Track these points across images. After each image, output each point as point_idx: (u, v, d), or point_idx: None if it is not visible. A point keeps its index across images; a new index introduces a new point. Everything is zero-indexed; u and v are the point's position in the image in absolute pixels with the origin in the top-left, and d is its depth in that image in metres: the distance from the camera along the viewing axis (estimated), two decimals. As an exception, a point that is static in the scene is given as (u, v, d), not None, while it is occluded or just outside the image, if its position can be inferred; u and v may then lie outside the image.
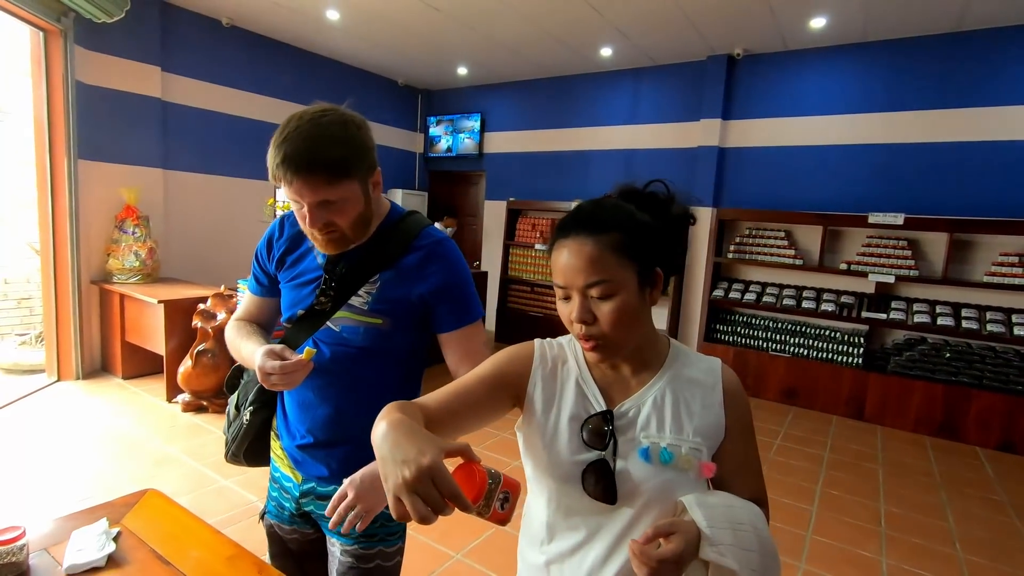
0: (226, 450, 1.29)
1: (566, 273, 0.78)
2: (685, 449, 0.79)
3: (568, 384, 0.87)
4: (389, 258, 1.09)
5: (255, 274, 1.25)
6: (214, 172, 5.17)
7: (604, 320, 0.77)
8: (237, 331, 1.20)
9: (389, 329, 1.09)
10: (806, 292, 4.88)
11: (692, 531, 0.70)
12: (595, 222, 0.78)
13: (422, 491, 0.59)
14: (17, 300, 5.82)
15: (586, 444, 0.81)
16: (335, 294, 1.09)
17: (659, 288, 0.81)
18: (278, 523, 1.24)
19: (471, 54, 5.70)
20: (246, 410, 1.23)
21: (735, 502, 0.78)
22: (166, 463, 3.01)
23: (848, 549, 2.59)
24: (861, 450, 3.84)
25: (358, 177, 1.01)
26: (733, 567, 0.69)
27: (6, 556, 1.00)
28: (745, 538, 0.72)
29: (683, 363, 0.86)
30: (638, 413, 0.82)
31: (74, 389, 4.05)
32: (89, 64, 4.13)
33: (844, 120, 4.77)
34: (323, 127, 0.97)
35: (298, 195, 0.98)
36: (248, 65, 5.33)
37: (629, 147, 5.88)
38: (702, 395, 0.84)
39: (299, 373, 1.02)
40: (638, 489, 0.78)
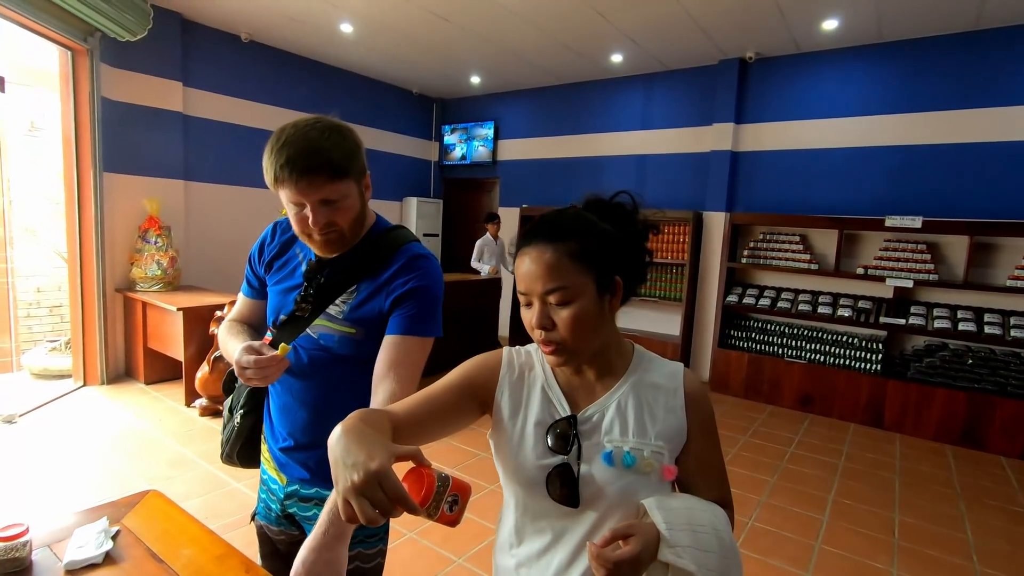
0: (221, 451, 1.34)
1: (526, 280, 0.80)
2: (647, 452, 0.80)
3: (534, 390, 0.89)
4: (369, 269, 1.12)
5: (247, 277, 1.30)
6: (232, 183, 5.32)
7: (562, 326, 0.79)
8: (228, 330, 1.25)
9: (362, 339, 1.11)
10: (822, 297, 4.79)
11: (651, 533, 0.72)
12: (554, 230, 0.80)
13: (369, 494, 0.61)
14: (49, 308, 6.05)
15: (551, 449, 0.83)
16: (314, 302, 1.12)
17: (619, 296, 0.83)
18: (266, 524, 1.28)
19: (483, 63, 5.77)
20: (237, 412, 1.28)
21: (696, 504, 0.79)
22: (181, 464, 3.10)
23: (858, 560, 2.53)
24: (878, 459, 3.75)
25: (354, 177, 1.06)
26: (691, 568, 0.70)
27: (9, 552, 1.05)
28: (704, 539, 0.73)
29: (646, 368, 0.88)
30: (602, 418, 0.84)
31: (98, 394, 4.19)
32: (114, 81, 4.30)
33: (859, 122, 4.69)
34: (319, 131, 1.02)
35: (302, 195, 1.02)
36: (266, 78, 5.48)
37: (641, 152, 5.87)
38: (664, 399, 0.85)
39: (273, 368, 1.05)
40: (601, 492, 0.80)
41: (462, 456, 3.40)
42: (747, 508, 2.95)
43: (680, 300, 5.43)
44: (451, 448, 3.46)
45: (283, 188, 1.03)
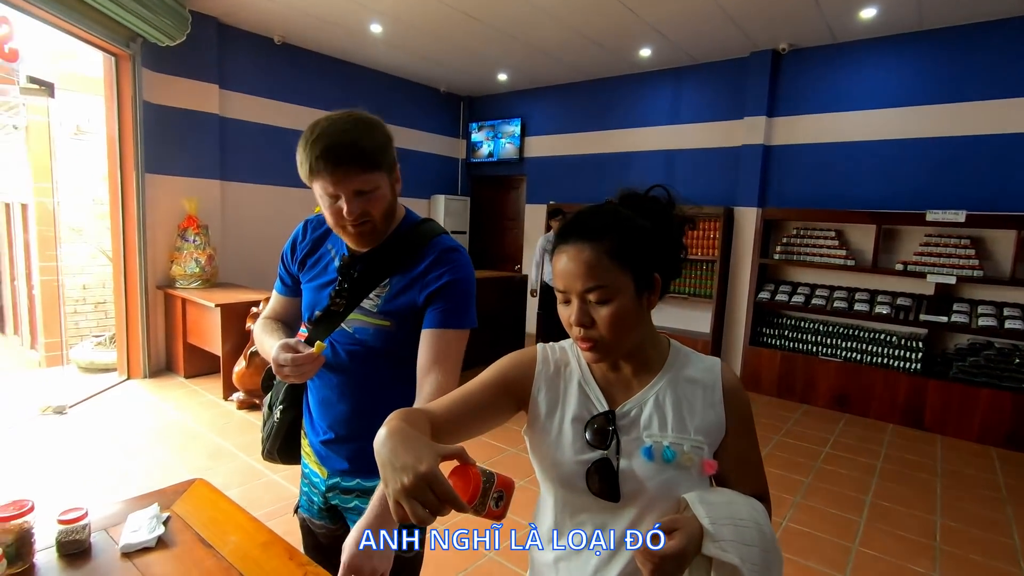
0: (262, 448, 1.38)
1: (565, 278, 0.81)
2: (687, 447, 0.81)
3: (571, 386, 0.89)
4: (401, 263, 1.15)
5: (280, 275, 1.33)
6: (267, 182, 5.45)
7: (601, 324, 0.79)
8: (263, 328, 1.29)
9: (395, 331, 1.14)
10: (859, 294, 4.67)
11: (694, 528, 0.72)
12: (593, 229, 0.80)
13: (420, 496, 0.62)
14: (94, 304, 6.30)
15: (589, 444, 0.83)
16: (348, 296, 1.15)
17: (657, 293, 0.83)
18: (309, 517, 1.32)
19: (511, 60, 5.77)
20: (277, 408, 1.31)
21: (736, 498, 0.79)
22: (220, 456, 3.20)
23: (897, 564, 2.47)
24: (918, 460, 3.64)
25: (385, 169, 1.09)
26: (735, 562, 0.71)
27: (71, 534, 1.11)
28: (747, 533, 0.74)
29: (683, 363, 0.88)
30: (640, 413, 0.84)
31: (141, 387, 4.36)
32: (154, 85, 4.45)
33: (899, 113, 4.55)
34: (352, 123, 1.05)
35: (336, 186, 1.04)
36: (298, 80, 5.60)
37: (670, 148, 5.80)
38: (703, 394, 0.85)
39: (309, 366, 1.08)
40: (642, 487, 0.80)
41: (492, 452, 3.43)
42: (782, 508, 2.90)
43: (711, 297, 5.35)
44: (481, 444, 3.50)
45: (318, 180, 1.05)
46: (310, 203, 5.78)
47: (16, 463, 3.03)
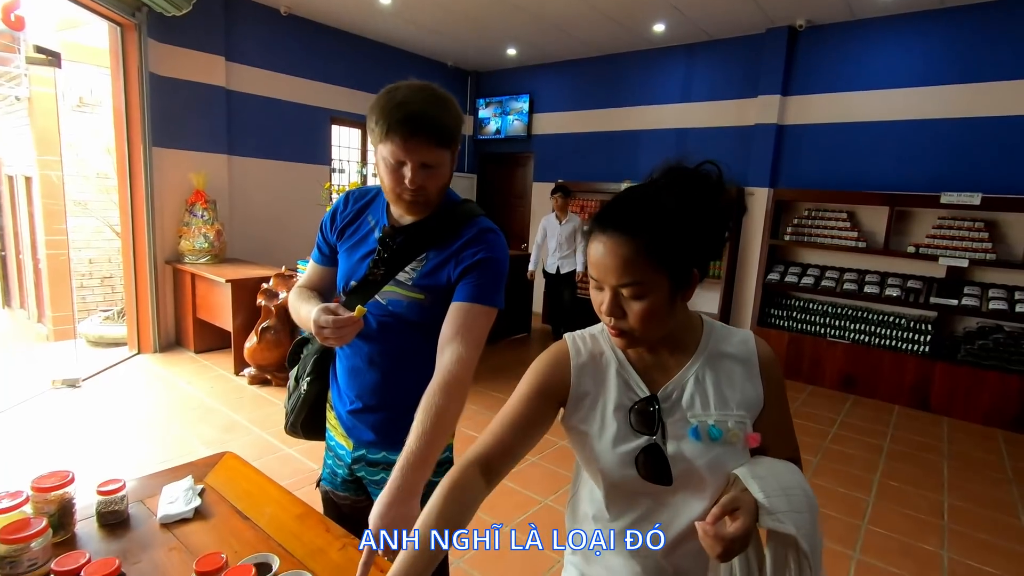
0: (286, 421, 1.39)
1: (599, 269, 0.78)
2: (731, 423, 0.81)
3: (608, 375, 0.88)
4: (440, 238, 1.15)
5: (318, 244, 1.33)
6: (274, 157, 5.39)
7: (633, 318, 0.78)
8: (298, 296, 1.29)
9: (429, 305, 1.14)
10: (869, 276, 4.65)
11: (752, 504, 0.74)
12: (633, 222, 0.76)
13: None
14: (101, 279, 6.30)
15: (635, 431, 0.83)
16: (387, 267, 1.15)
17: (694, 287, 0.81)
18: (332, 489, 1.33)
19: (520, 34, 5.66)
20: (304, 380, 1.32)
21: (779, 467, 0.81)
22: (234, 430, 3.23)
23: (906, 541, 2.51)
24: (925, 441, 3.67)
25: (453, 149, 1.10)
26: (791, 531, 0.73)
27: (111, 504, 1.12)
28: (796, 501, 0.76)
29: (718, 340, 0.87)
30: (682, 394, 0.84)
31: (152, 361, 4.38)
32: (160, 56, 4.37)
33: (916, 93, 4.47)
34: (435, 96, 1.05)
35: (407, 154, 1.03)
36: (304, 52, 5.50)
37: (681, 126, 5.73)
38: (741, 369, 0.85)
39: (349, 329, 1.08)
40: (692, 467, 0.81)
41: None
42: (790, 487, 2.93)
43: (719, 278, 5.34)
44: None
45: (389, 143, 1.04)
46: (318, 179, 5.74)
47: (33, 436, 3.06)
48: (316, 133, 5.75)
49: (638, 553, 0.86)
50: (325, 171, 5.87)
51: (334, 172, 6.02)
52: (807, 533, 0.74)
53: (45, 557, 0.95)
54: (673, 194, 0.78)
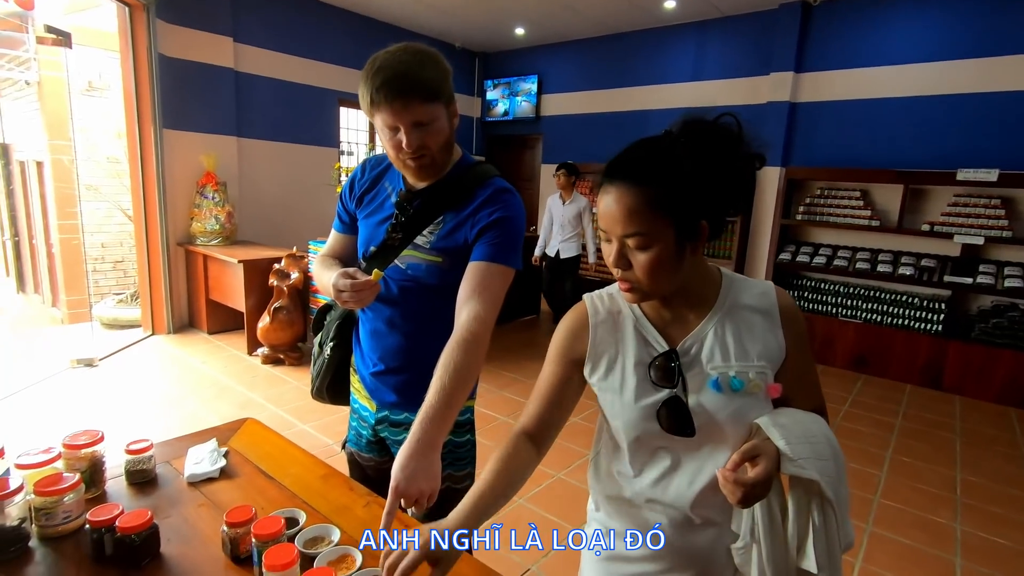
0: (312, 386, 1.42)
1: (606, 219, 0.79)
2: (752, 374, 0.81)
3: (627, 331, 0.88)
4: (456, 200, 1.15)
5: (339, 213, 1.34)
6: (283, 139, 5.39)
7: (639, 269, 0.78)
8: (321, 263, 1.30)
9: (447, 267, 1.15)
10: (882, 255, 4.61)
11: (772, 451, 0.74)
12: (639, 172, 0.75)
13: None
14: (113, 263, 6.36)
15: (655, 385, 0.84)
16: (404, 231, 1.16)
17: (703, 240, 0.80)
18: (357, 451, 1.36)
19: (529, 13, 5.60)
20: (327, 346, 1.34)
21: (803, 417, 0.81)
22: (250, 407, 3.27)
23: (919, 514, 2.52)
24: (937, 419, 3.67)
25: (444, 101, 1.09)
26: (815, 477, 0.73)
27: (139, 464, 1.15)
28: (820, 449, 0.76)
29: (738, 292, 0.87)
30: (701, 347, 0.84)
31: (166, 342, 4.43)
32: (169, 37, 4.35)
33: (932, 68, 4.39)
34: (411, 54, 1.05)
35: (396, 117, 1.04)
36: (312, 33, 5.46)
37: (692, 105, 5.65)
38: (761, 320, 0.84)
39: (367, 292, 1.10)
40: (713, 419, 0.81)
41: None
42: (802, 462, 2.94)
43: (730, 258, 5.31)
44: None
45: (379, 112, 1.05)
46: (327, 160, 5.73)
47: (56, 411, 3.12)
48: (324, 115, 5.73)
49: (664, 505, 0.86)
50: (334, 153, 5.86)
51: (343, 154, 6.01)
52: (831, 481, 0.74)
53: (79, 511, 0.97)
54: (685, 144, 0.77)
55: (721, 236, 0.84)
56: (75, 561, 0.91)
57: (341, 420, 3.16)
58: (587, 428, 3.22)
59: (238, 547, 0.92)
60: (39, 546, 0.94)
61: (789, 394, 0.85)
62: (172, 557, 0.93)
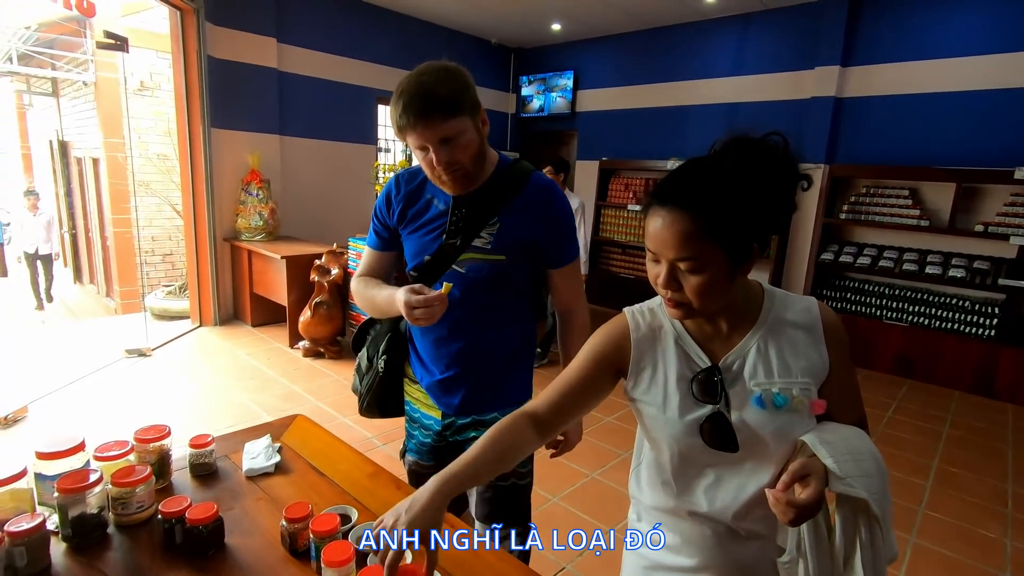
0: (360, 404, 1.43)
1: (656, 242, 0.78)
2: (796, 390, 0.81)
3: (668, 346, 0.89)
4: (505, 200, 1.19)
5: (375, 229, 1.35)
6: (324, 137, 5.51)
7: (690, 291, 0.78)
8: (365, 285, 1.32)
9: (508, 264, 1.19)
10: (931, 256, 4.44)
11: (821, 469, 0.74)
12: (692, 197, 0.75)
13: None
14: (162, 256, 6.64)
15: (698, 400, 0.84)
16: (461, 237, 1.19)
17: (753, 262, 0.80)
18: (417, 459, 1.39)
19: (566, 8, 5.56)
20: (379, 360, 1.36)
21: (847, 432, 0.80)
22: (292, 399, 3.39)
23: (966, 527, 2.44)
24: (987, 428, 3.53)
25: (467, 113, 1.12)
26: (863, 495, 0.73)
27: (201, 457, 1.22)
28: (866, 466, 0.76)
29: (780, 308, 0.86)
30: (743, 364, 0.84)
31: (213, 334, 4.61)
32: (217, 39, 4.50)
33: (988, 61, 4.19)
34: (428, 75, 1.09)
35: (422, 137, 1.09)
36: (352, 33, 5.56)
37: (732, 100, 5.54)
38: (804, 336, 0.84)
39: (439, 307, 1.11)
40: (757, 435, 0.81)
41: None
42: (842, 469, 2.88)
43: (769, 257, 5.20)
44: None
45: (407, 135, 1.10)
46: (367, 158, 5.84)
47: (114, 400, 3.30)
48: (363, 113, 5.84)
49: (708, 518, 0.87)
50: (372, 150, 5.97)
51: (380, 151, 6.12)
52: (878, 497, 0.74)
53: (150, 501, 1.04)
54: (735, 168, 0.76)
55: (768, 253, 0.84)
56: (148, 548, 0.98)
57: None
58: (620, 428, 3.23)
59: (296, 541, 0.97)
60: (116, 533, 1.01)
61: (832, 408, 0.85)
62: (235, 548, 0.99)
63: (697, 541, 0.89)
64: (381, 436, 2.99)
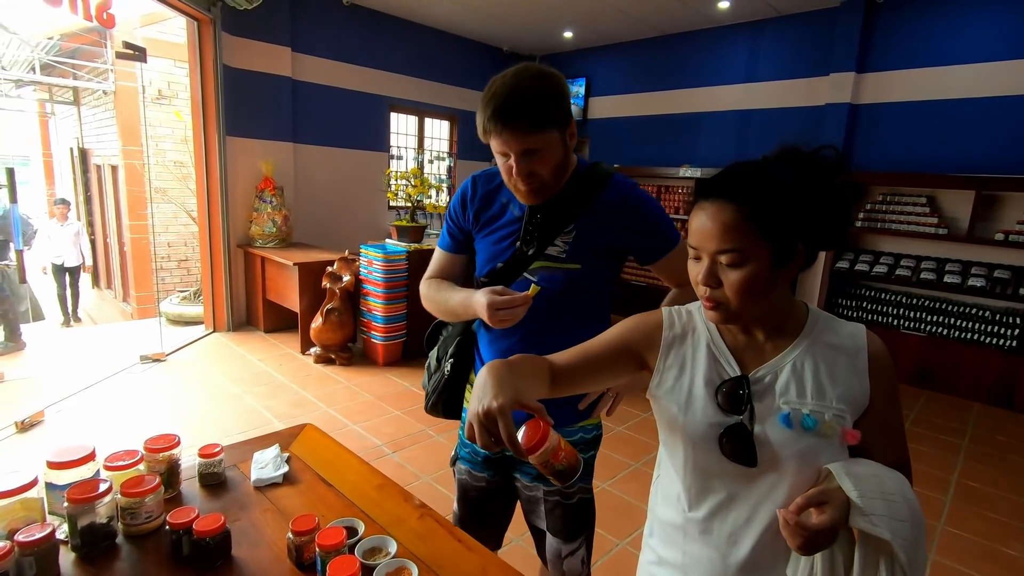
0: (426, 401, 1.43)
1: (699, 236, 0.78)
2: (828, 415, 0.77)
3: (699, 349, 0.87)
4: (582, 208, 1.16)
5: (449, 231, 1.32)
6: (336, 144, 5.56)
7: (729, 287, 0.77)
8: (437, 287, 1.30)
9: (583, 273, 1.17)
10: (949, 265, 4.37)
11: (842, 500, 0.71)
12: (738, 189, 0.75)
13: (487, 425, 0.72)
14: (178, 262, 6.73)
15: (722, 409, 0.82)
16: (536, 245, 1.17)
17: (798, 263, 0.78)
18: (470, 468, 1.36)
19: (578, 16, 5.58)
20: (446, 362, 1.34)
21: (882, 471, 0.76)
22: (302, 405, 3.40)
23: (987, 545, 2.38)
24: (1009, 442, 3.45)
25: (557, 127, 1.09)
26: (886, 536, 0.68)
27: (211, 467, 1.22)
28: (897, 508, 0.71)
29: (824, 329, 0.84)
30: (775, 379, 0.81)
31: (226, 339, 4.65)
32: (232, 48, 4.57)
33: (1009, 66, 4.12)
34: (524, 81, 1.06)
35: (506, 145, 1.07)
36: (366, 41, 5.62)
37: (745, 108, 5.51)
38: (846, 361, 0.81)
39: (523, 308, 1.10)
40: (778, 455, 0.78)
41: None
42: (858, 483, 2.82)
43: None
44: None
45: (491, 138, 1.09)
46: (379, 165, 5.88)
47: (129, 405, 3.33)
48: (375, 120, 5.88)
49: (716, 539, 0.85)
50: (384, 158, 6.01)
51: (392, 159, 6.16)
52: (906, 544, 0.69)
53: (159, 511, 1.05)
54: (783, 168, 0.78)
55: (813, 266, 0.82)
56: (156, 559, 0.98)
57: (388, 422, 3.25)
58: (632, 439, 3.20)
59: (303, 554, 0.97)
60: (124, 543, 1.01)
61: (870, 445, 0.80)
62: (242, 559, 0.99)
63: (704, 563, 0.87)
64: (391, 444, 2.99)
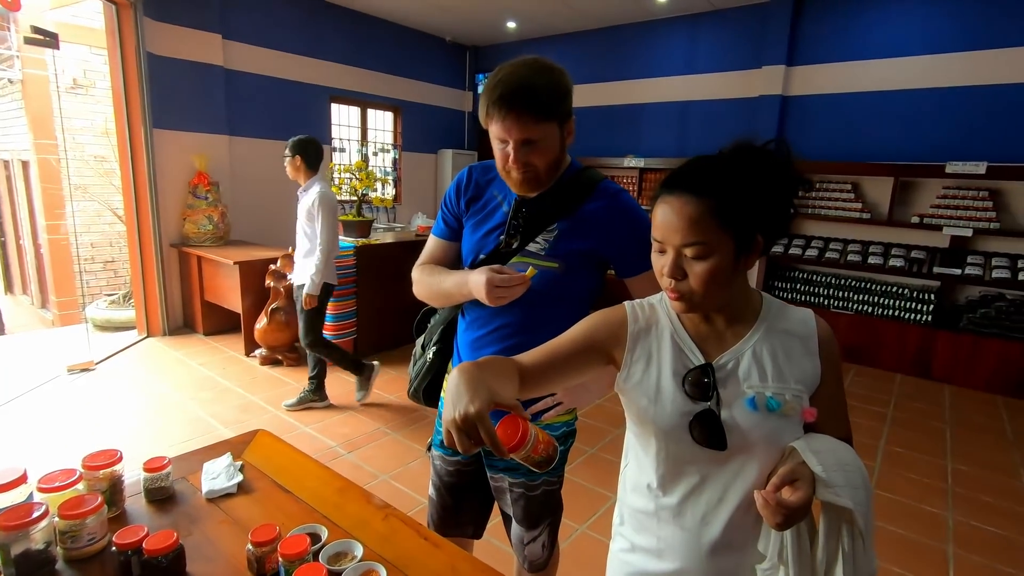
0: (409, 386, 1.45)
1: (663, 229, 0.80)
2: (789, 396, 0.82)
3: (664, 341, 0.90)
4: (568, 208, 1.17)
5: (444, 218, 1.33)
6: (274, 137, 5.33)
7: (694, 278, 0.79)
8: (430, 272, 1.30)
9: (562, 273, 1.17)
10: (873, 247, 4.68)
11: (810, 475, 0.76)
12: (700, 183, 0.78)
13: (466, 430, 0.71)
14: (103, 263, 6.29)
15: (689, 397, 0.85)
16: (520, 239, 1.18)
17: (757, 253, 0.82)
18: (443, 454, 1.39)
19: (520, 7, 5.57)
20: (430, 349, 1.36)
21: (836, 445, 0.81)
22: (250, 410, 3.27)
23: (912, 504, 2.58)
24: (927, 408, 3.75)
25: (558, 120, 1.11)
26: (849, 505, 0.74)
27: (156, 481, 1.16)
28: (853, 477, 0.77)
29: (777, 315, 0.89)
30: (738, 365, 0.85)
31: (163, 344, 4.40)
32: (157, 35, 4.28)
33: (921, 62, 4.44)
34: (533, 70, 1.08)
35: (506, 131, 1.08)
36: (303, 29, 5.40)
37: (685, 99, 5.68)
38: (800, 345, 0.86)
39: (520, 287, 1.11)
40: (747, 437, 0.82)
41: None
42: (798, 455, 3.00)
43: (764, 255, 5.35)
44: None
45: (492, 123, 1.09)
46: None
47: (58, 419, 3.10)
48: (316, 112, 5.68)
49: (690, 522, 0.88)
50: (326, 151, 5.82)
51: (335, 151, 5.97)
52: (863, 510, 0.76)
53: (102, 532, 0.98)
54: (740, 162, 0.81)
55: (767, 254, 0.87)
56: (102, 583, 0.92)
57: (341, 422, 3.18)
58: (589, 426, 3.26)
59: (264, 566, 0.93)
60: (65, 568, 0.95)
61: (820, 420, 0.85)
62: (198, 576, 0.95)
63: (678, 547, 0.90)
64: (346, 444, 2.92)
